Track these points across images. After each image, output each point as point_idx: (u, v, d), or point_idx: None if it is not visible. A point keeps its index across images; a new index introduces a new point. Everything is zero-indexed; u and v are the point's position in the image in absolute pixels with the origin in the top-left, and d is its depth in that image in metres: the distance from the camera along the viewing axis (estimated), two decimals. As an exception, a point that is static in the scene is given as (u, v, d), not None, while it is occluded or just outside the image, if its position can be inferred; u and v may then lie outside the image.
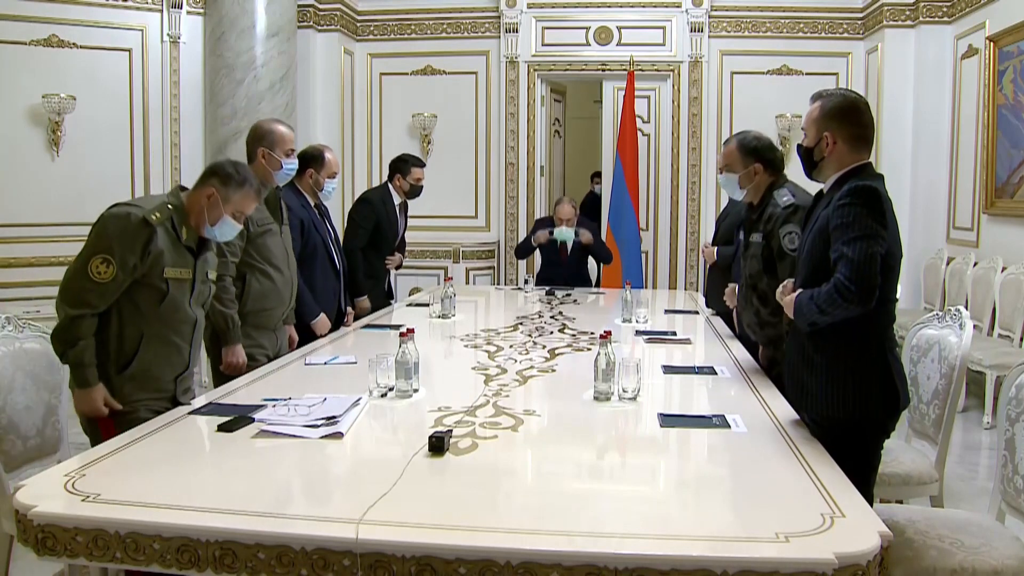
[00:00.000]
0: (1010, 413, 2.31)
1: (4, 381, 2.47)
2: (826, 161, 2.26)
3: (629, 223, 6.77)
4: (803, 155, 2.33)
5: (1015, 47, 5.49)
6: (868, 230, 2.07)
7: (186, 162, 6.67)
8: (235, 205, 2.50)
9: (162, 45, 6.59)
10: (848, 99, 2.29)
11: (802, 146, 2.33)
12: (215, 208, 2.47)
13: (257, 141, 3.27)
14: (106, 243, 2.29)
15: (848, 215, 2.08)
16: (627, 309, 4.19)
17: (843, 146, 2.23)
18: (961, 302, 5.84)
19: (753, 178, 2.97)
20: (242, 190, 2.50)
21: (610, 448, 2.30)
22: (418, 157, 4.95)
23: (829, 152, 2.24)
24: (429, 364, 3.00)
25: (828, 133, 2.23)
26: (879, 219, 2.09)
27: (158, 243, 2.35)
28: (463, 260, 7.28)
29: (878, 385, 2.16)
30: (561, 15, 7.30)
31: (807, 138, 2.31)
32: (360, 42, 7.56)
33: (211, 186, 2.48)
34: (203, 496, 1.77)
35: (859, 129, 2.25)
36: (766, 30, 7.13)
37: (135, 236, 2.30)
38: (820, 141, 2.25)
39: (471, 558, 1.50)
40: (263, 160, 3.24)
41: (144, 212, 2.34)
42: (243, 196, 2.51)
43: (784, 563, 1.45)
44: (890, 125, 6.74)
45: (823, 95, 2.33)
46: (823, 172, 2.29)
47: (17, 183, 6.06)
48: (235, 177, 2.50)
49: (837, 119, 2.24)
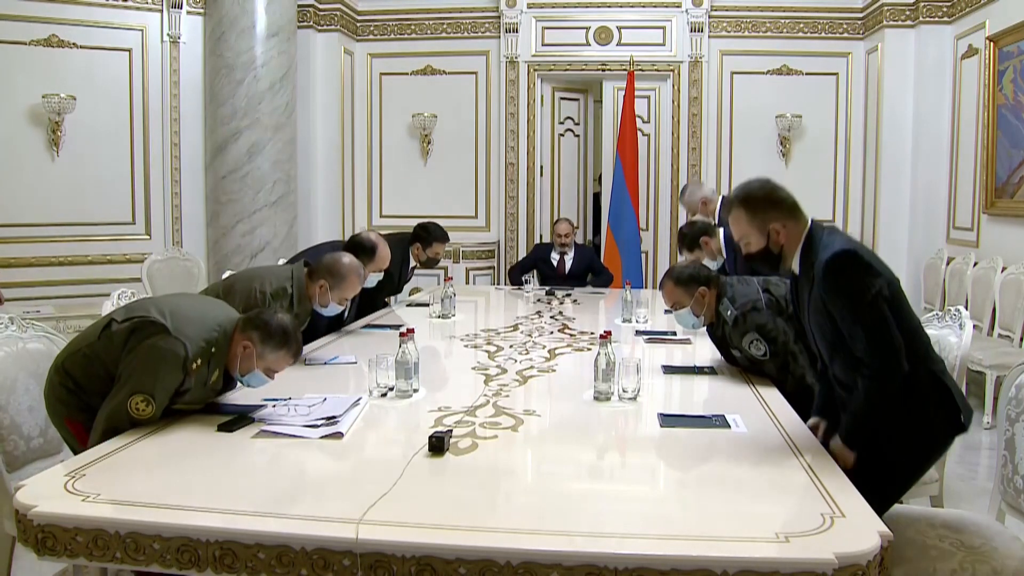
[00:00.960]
0: (1010, 413, 2.31)
1: (7, 382, 2.47)
2: (785, 249, 2.21)
3: (629, 223, 6.77)
4: (761, 258, 2.24)
5: (1015, 47, 5.49)
6: (864, 297, 2.01)
7: (186, 162, 6.67)
8: (268, 363, 2.38)
9: (162, 45, 6.59)
10: (759, 186, 2.25)
11: (754, 253, 2.25)
12: (248, 360, 2.36)
13: (328, 271, 3.23)
14: (150, 382, 2.21)
15: (842, 292, 2.04)
16: (627, 309, 4.19)
17: (790, 225, 2.20)
18: (961, 302, 5.83)
19: (703, 302, 2.98)
20: (279, 352, 2.37)
21: (610, 448, 2.30)
22: (443, 230, 4.78)
23: (785, 240, 2.20)
24: (429, 364, 3.00)
25: (772, 224, 2.19)
26: (867, 272, 2.04)
27: (188, 383, 2.30)
28: (463, 260, 7.27)
29: (935, 408, 2.12)
30: (561, 15, 7.30)
31: (752, 242, 2.23)
32: (360, 42, 7.55)
33: (248, 339, 2.34)
34: (203, 496, 1.77)
35: (789, 202, 2.22)
36: (766, 30, 7.12)
37: (174, 375, 2.25)
38: (769, 236, 2.20)
39: (471, 558, 1.50)
40: (318, 289, 3.21)
41: (188, 355, 2.24)
42: (279, 358, 2.38)
43: (784, 563, 1.46)
44: (890, 125, 6.73)
45: (734, 199, 2.27)
46: (787, 260, 2.23)
47: (17, 183, 6.06)
48: (275, 339, 2.34)
49: (769, 208, 2.20)
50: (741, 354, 2.95)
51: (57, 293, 6.07)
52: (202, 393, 2.37)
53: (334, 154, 7.30)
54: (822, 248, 2.12)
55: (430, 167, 7.57)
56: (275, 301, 3.07)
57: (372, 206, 7.61)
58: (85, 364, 2.32)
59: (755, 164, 7.21)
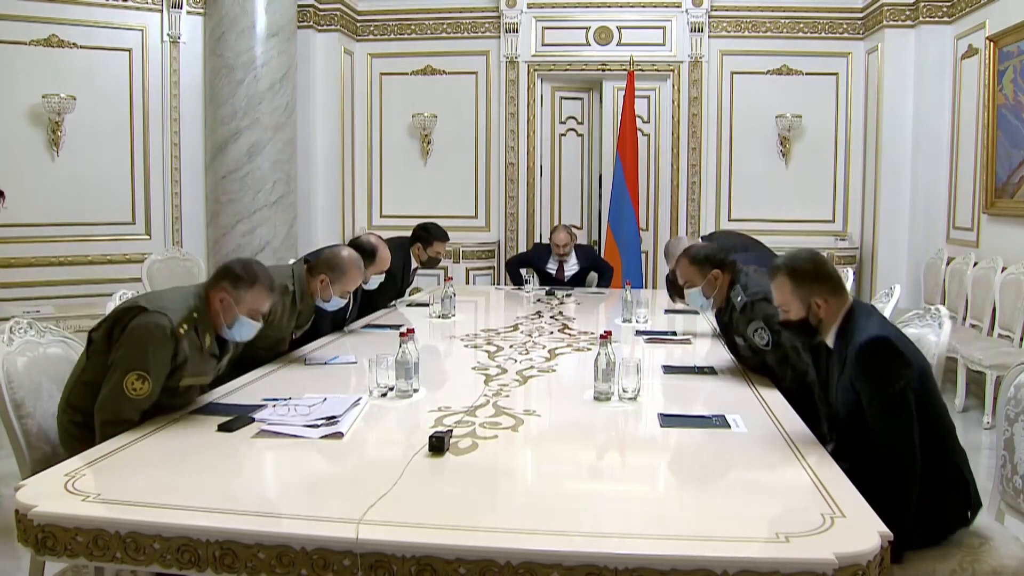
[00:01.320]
0: (1009, 413, 2.31)
1: (33, 387, 2.44)
2: (824, 323, 2.25)
3: (629, 223, 6.77)
4: (799, 328, 2.29)
5: (1015, 47, 5.49)
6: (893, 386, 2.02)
7: (186, 162, 6.67)
8: (248, 304, 2.47)
9: (162, 45, 6.59)
10: (809, 258, 2.29)
11: (792, 321, 2.29)
12: (229, 310, 2.45)
13: (327, 266, 3.26)
14: (141, 358, 2.24)
15: (872, 377, 2.05)
16: (627, 309, 4.19)
17: (832, 301, 2.23)
18: (961, 302, 5.84)
19: (714, 284, 3.03)
20: (252, 290, 2.46)
21: (610, 448, 2.30)
22: (443, 230, 4.87)
23: (825, 314, 2.23)
24: (429, 364, 3.00)
25: (815, 298, 2.23)
26: (899, 362, 2.05)
27: (184, 352, 2.34)
28: (463, 260, 7.27)
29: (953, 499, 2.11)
30: (561, 15, 7.30)
31: (793, 311, 2.28)
32: (360, 42, 7.56)
33: (222, 289, 2.45)
34: (203, 496, 1.77)
35: (833, 280, 2.26)
36: (766, 30, 7.12)
37: (164, 347, 2.28)
38: (810, 308, 2.24)
39: (471, 558, 1.50)
40: (319, 284, 3.24)
41: (172, 324, 2.29)
42: (255, 295, 2.47)
43: (784, 563, 1.45)
44: (890, 125, 6.73)
45: (782, 266, 2.31)
46: (823, 333, 2.27)
47: (17, 183, 6.04)
48: (244, 278, 2.46)
49: (815, 281, 2.24)
50: (744, 342, 2.95)
51: (57, 293, 6.07)
52: (202, 362, 2.41)
53: (334, 154, 7.30)
54: (859, 329, 2.15)
55: (430, 167, 7.57)
56: (279, 298, 3.06)
57: (372, 206, 7.61)
58: (86, 391, 2.32)
59: (755, 164, 7.23)
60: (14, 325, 2.51)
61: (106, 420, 2.22)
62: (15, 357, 2.41)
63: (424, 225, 4.86)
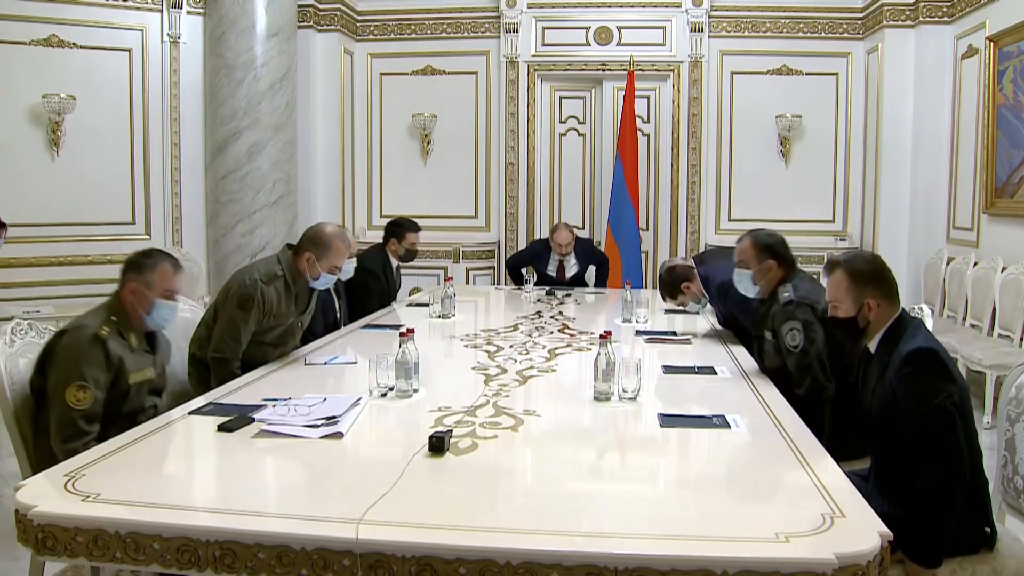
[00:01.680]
0: (1010, 413, 2.31)
1: None
2: (872, 326, 2.25)
3: (629, 223, 6.77)
4: (845, 326, 2.29)
5: (1015, 47, 5.49)
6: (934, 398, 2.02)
7: (186, 162, 6.67)
8: (159, 286, 2.51)
9: (162, 45, 6.58)
10: (870, 260, 2.31)
11: (840, 319, 2.29)
12: (142, 298, 2.50)
13: (311, 242, 3.25)
14: (75, 370, 2.29)
15: (917, 386, 2.05)
16: (627, 309, 4.19)
17: (884, 305, 2.23)
18: (961, 302, 5.84)
19: (767, 274, 3.03)
20: (156, 270, 2.52)
21: (610, 448, 2.30)
22: (414, 221, 4.98)
23: (874, 316, 2.23)
24: (429, 364, 3.00)
25: (868, 299, 2.22)
26: (945, 376, 2.06)
27: (116, 352, 2.38)
28: (463, 260, 7.27)
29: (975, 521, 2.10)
30: (561, 15, 7.30)
31: (842, 308, 2.28)
32: (360, 42, 7.56)
33: (130, 280, 2.51)
34: (203, 496, 1.78)
35: (890, 285, 2.26)
36: (766, 30, 7.12)
37: (93, 353, 2.32)
38: (861, 308, 2.24)
39: (471, 558, 1.50)
40: (306, 263, 3.23)
41: (92, 329, 2.36)
42: (161, 275, 2.52)
43: (784, 563, 1.45)
44: (890, 125, 6.73)
45: (841, 262, 2.31)
46: (868, 336, 2.27)
47: (17, 183, 6.06)
48: (146, 262, 2.53)
49: (871, 283, 2.24)
50: (774, 338, 2.94)
51: (57, 293, 6.07)
52: (139, 359, 2.46)
53: (334, 154, 7.30)
54: (907, 338, 2.15)
55: (430, 167, 7.57)
56: (268, 285, 3.08)
57: (372, 206, 7.61)
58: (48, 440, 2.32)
59: (755, 164, 7.23)
60: (15, 327, 2.52)
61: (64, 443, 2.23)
62: (17, 358, 2.42)
63: (393, 220, 4.98)
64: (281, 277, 3.17)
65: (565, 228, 5.77)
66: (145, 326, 2.54)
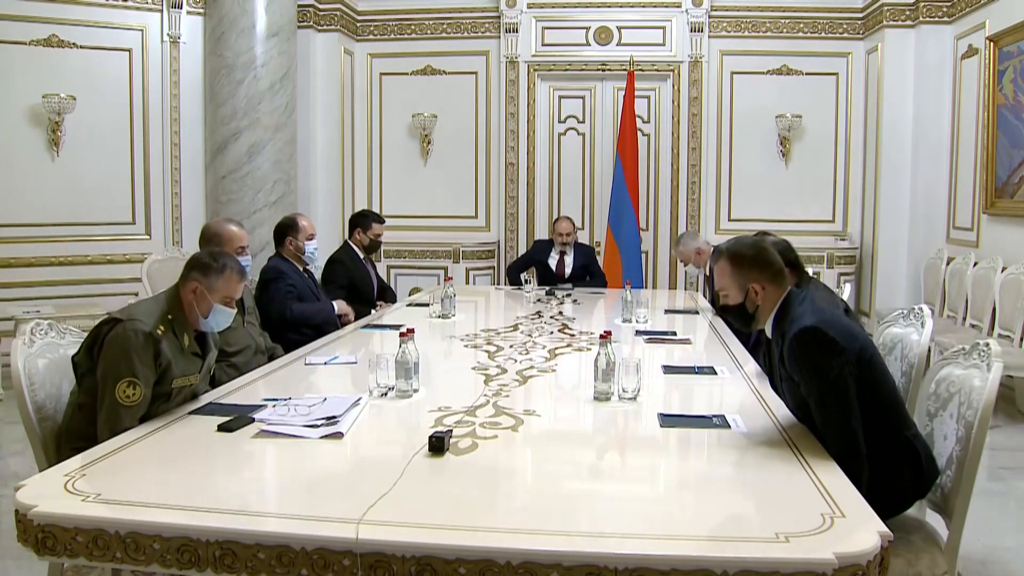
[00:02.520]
0: (929, 408, 2.36)
1: (54, 391, 2.44)
2: (760, 310, 2.25)
3: (629, 223, 6.77)
4: (736, 312, 2.29)
5: (1015, 47, 5.49)
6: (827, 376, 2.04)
7: (186, 162, 6.67)
8: (221, 292, 2.49)
9: (162, 45, 6.59)
10: (750, 244, 2.30)
11: (730, 306, 2.29)
12: (203, 301, 2.47)
13: (207, 243, 3.28)
14: (126, 366, 2.26)
15: (804, 370, 2.08)
16: (627, 309, 4.19)
17: (769, 288, 2.23)
18: (961, 302, 5.84)
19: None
20: (223, 275, 2.49)
21: (610, 448, 2.30)
22: (377, 213, 5.10)
23: (762, 299, 2.23)
24: (429, 364, 3.00)
25: (753, 284, 2.22)
26: (830, 351, 2.05)
27: (166, 354, 2.35)
28: (463, 260, 7.27)
29: (907, 474, 2.14)
30: (561, 15, 7.30)
31: (731, 296, 2.27)
32: (360, 42, 7.56)
33: (194, 280, 2.47)
34: (203, 496, 1.77)
35: (773, 267, 2.25)
36: (766, 30, 7.12)
37: (145, 351, 2.29)
38: (748, 294, 2.23)
39: (471, 558, 1.50)
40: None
41: (148, 327, 2.32)
42: (226, 281, 2.50)
43: (784, 563, 1.45)
44: (890, 125, 6.74)
45: (724, 250, 2.31)
46: (759, 321, 2.27)
47: (17, 183, 6.06)
48: (214, 265, 2.49)
49: (753, 267, 2.23)
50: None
51: (57, 293, 6.07)
52: (186, 362, 2.43)
53: (334, 154, 7.30)
54: (792, 319, 2.15)
55: (430, 167, 7.57)
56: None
57: (372, 206, 7.60)
58: (82, 416, 2.32)
59: (755, 164, 7.23)
60: (35, 327, 2.50)
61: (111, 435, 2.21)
62: (36, 359, 2.41)
63: (358, 212, 5.10)
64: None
65: (566, 219, 5.93)
66: (199, 325, 2.51)
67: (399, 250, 7.27)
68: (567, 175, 7.55)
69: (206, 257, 2.53)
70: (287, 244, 4.09)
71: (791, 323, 2.14)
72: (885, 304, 6.59)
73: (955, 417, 2.24)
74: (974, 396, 2.18)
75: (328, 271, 4.75)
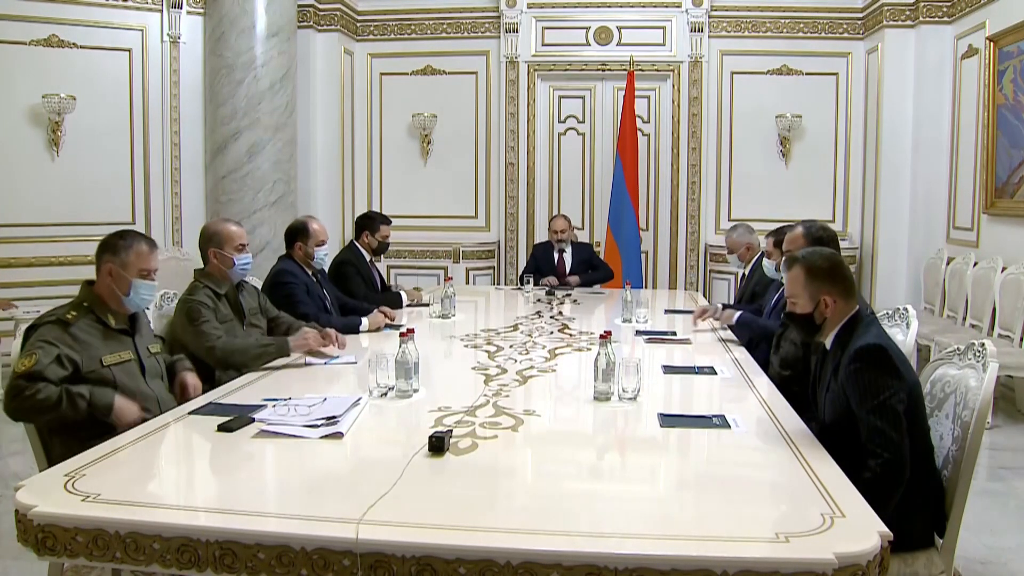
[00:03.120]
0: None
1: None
2: (828, 321, 2.28)
3: (629, 223, 6.77)
4: (802, 321, 2.32)
5: (1015, 47, 5.49)
6: (887, 390, 2.05)
7: (186, 162, 6.67)
8: (135, 265, 2.52)
9: (162, 45, 6.59)
10: (827, 257, 2.32)
11: (797, 314, 2.32)
12: (120, 280, 2.50)
13: (207, 242, 3.26)
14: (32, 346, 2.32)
15: (863, 381, 2.08)
16: (627, 309, 4.19)
17: (840, 302, 2.26)
18: (961, 302, 5.84)
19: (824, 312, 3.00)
20: (132, 249, 2.52)
21: (610, 448, 2.30)
22: (384, 215, 5.07)
23: (831, 312, 2.26)
24: (429, 364, 3.00)
25: (825, 296, 2.25)
26: (891, 372, 2.08)
27: (82, 335, 2.40)
28: (463, 260, 7.28)
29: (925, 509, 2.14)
30: (561, 15, 7.30)
31: (800, 304, 2.30)
32: (360, 42, 7.56)
33: (107, 263, 2.51)
34: (203, 496, 1.78)
35: (847, 282, 2.28)
36: (766, 30, 7.12)
37: (48, 330, 2.35)
38: (818, 304, 2.26)
39: (471, 558, 1.50)
40: (215, 260, 3.23)
41: (56, 316, 2.39)
42: (136, 254, 2.53)
43: (784, 563, 1.45)
44: (890, 125, 6.73)
45: (799, 258, 2.33)
46: (824, 333, 2.30)
47: (17, 183, 6.06)
48: (121, 243, 2.53)
49: (828, 279, 2.26)
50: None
51: (57, 293, 6.04)
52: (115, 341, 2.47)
53: (334, 154, 7.30)
54: (858, 335, 2.18)
55: (430, 167, 7.57)
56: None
57: (372, 206, 7.61)
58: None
59: (755, 164, 7.23)
60: None
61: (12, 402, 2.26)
62: None
63: (364, 215, 5.06)
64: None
65: (561, 217, 5.96)
66: (125, 308, 2.54)
67: (399, 250, 7.26)
68: (567, 175, 7.55)
69: (112, 238, 2.56)
70: (296, 249, 4.03)
71: (857, 339, 2.16)
72: (885, 304, 6.58)
73: (951, 417, 2.24)
74: (970, 396, 2.18)
75: (340, 273, 4.69)
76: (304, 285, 3.89)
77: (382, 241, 4.87)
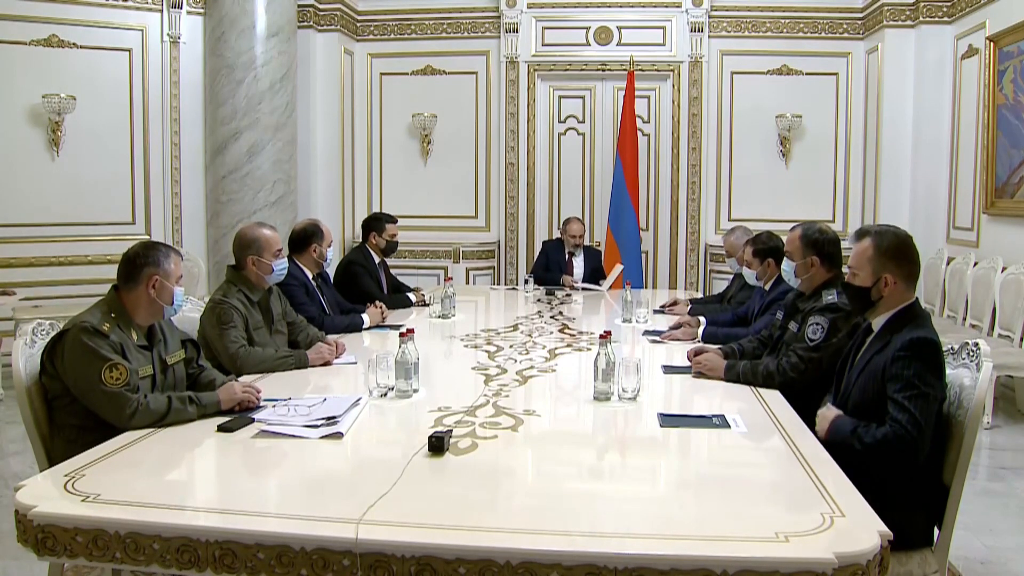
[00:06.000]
0: None
1: None
2: (883, 301, 2.25)
3: (629, 223, 6.76)
4: (857, 295, 2.30)
5: (1015, 47, 5.49)
6: (928, 386, 2.07)
7: (186, 162, 6.67)
8: (175, 273, 2.52)
9: (162, 45, 6.59)
10: (900, 237, 2.29)
11: (854, 286, 2.30)
12: (163, 290, 2.47)
13: (245, 249, 3.21)
14: (96, 356, 2.27)
15: (909, 369, 2.08)
16: (627, 309, 4.19)
17: (901, 285, 2.23)
18: (961, 302, 5.83)
19: (809, 270, 2.99)
20: (171, 258, 2.52)
21: (610, 448, 2.30)
22: (389, 214, 5.05)
23: (888, 293, 2.24)
24: (429, 364, 3.00)
25: (888, 274, 2.22)
26: (937, 372, 2.09)
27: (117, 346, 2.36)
28: (463, 260, 7.27)
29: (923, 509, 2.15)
30: (561, 15, 7.30)
31: (860, 277, 2.28)
32: (360, 42, 7.56)
33: (150, 275, 2.45)
34: (203, 496, 1.78)
35: (914, 267, 2.26)
36: (766, 30, 7.12)
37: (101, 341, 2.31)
38: (878, 281, 2.24)
39: (471, 558, 1.50)
40: (254, 267, 3.19)
41: (92, 323, 2.35)
42: (175, 263, 2.53)
43: (784, 563, 1.46)
44: (890, 125, 6.73)
45: (871, 232, 2.31)
46: (877, 311, 2.28)
47: (17, 183, 6.06)
48: (162, 250, 2.52)
49: (895, 259, 2.24)
50: (797, 329, 2.92)
51: (57, 293, 6.07)
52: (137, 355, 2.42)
53: (334, 154, 7.30)
54: (915, 326, 2.17)
55: (430, 167, 7.57)
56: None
57: (372, 206, 7.61)
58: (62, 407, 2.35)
59: (755, 164, 7.23)
60: (36, 327, 2.52)
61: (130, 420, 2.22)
62: (37, 358, 2.43)
63: (370, 216, 5.08)
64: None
65: (578, 221, 5.93)
66: (157, 318, 2.52)
67: (399, 250, 7.24)
68: (567, 175, 7.54)
69: (147, 250, 2.52)
70: (311, 251, 3.96)
71: (914, 328, 2.16)
72: (885, 304, 6.58)
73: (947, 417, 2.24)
74: (964, 396, 2.19)
75: (349, 273, 4.68)
76: (304, 286, 3.89)
77: (390, 240, 4.85)
